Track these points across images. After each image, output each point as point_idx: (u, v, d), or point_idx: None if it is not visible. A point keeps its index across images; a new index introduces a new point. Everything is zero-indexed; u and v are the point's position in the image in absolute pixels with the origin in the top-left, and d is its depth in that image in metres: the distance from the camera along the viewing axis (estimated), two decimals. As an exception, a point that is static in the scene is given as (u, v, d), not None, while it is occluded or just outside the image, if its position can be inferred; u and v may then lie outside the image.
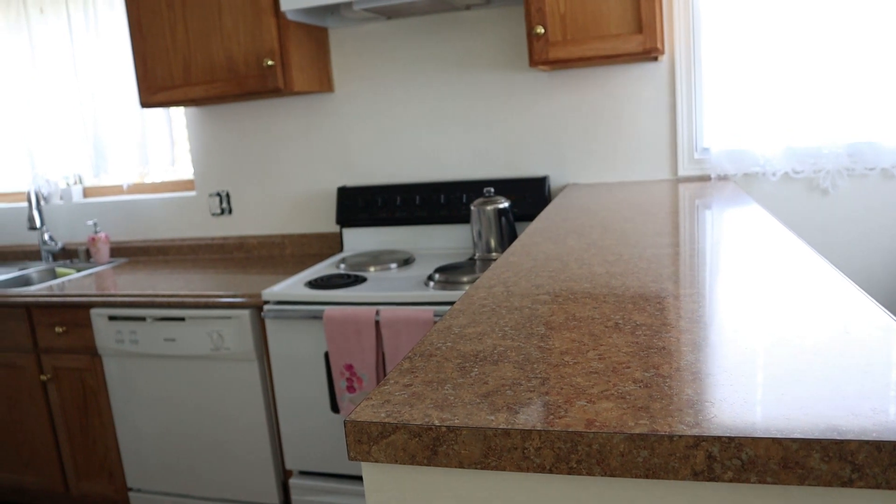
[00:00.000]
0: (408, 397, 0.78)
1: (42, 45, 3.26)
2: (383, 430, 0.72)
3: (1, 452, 2.97)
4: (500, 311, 1.08)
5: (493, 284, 1.25)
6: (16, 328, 2.77)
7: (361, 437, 0.73)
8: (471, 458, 0.71)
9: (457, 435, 0.70)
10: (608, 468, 0.67)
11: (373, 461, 0.74)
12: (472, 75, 2.68)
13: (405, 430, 0.72)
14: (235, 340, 2.34)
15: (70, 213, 3.44)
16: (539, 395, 0.76)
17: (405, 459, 0.73)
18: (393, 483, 0.75)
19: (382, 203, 2.73)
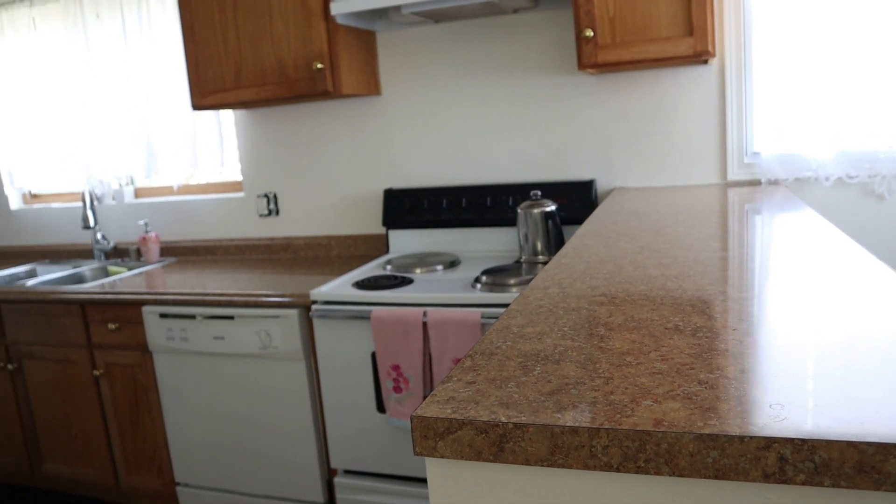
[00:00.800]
0: (472, 394, 0.79)
1: (97, 49, 3.35)
2: (450, 426, 0.73)
3: (56, 445, 3.05)
4: (557, 311, 1.09)
5: (547, 286, 1.25)
6: (70, 324, 2.84)
7: (427, 433, 0.74)
8: (537, 456, 0.71)
9: (524, 432, 0.71)
10: (677, 468, 0.67)
11: (438, 457, 0.74)
12: (519, 78, 2.68)
13: (472, 427, 0.72)
14: (283, 339, 2.38)
15: (122, 213, 3.53)
16: (604, 394, 0.76)
17: (471, 455, 0.73)
18: (457, 479, 0.76)
19: (428, 205, 2.75)
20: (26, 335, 2.97)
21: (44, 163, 3.68)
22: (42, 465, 3.12)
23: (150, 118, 3.28)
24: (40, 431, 3.08)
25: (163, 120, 3.26)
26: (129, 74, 3.29)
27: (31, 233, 3.85)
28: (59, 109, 3.54)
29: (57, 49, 3.47)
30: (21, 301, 2.95)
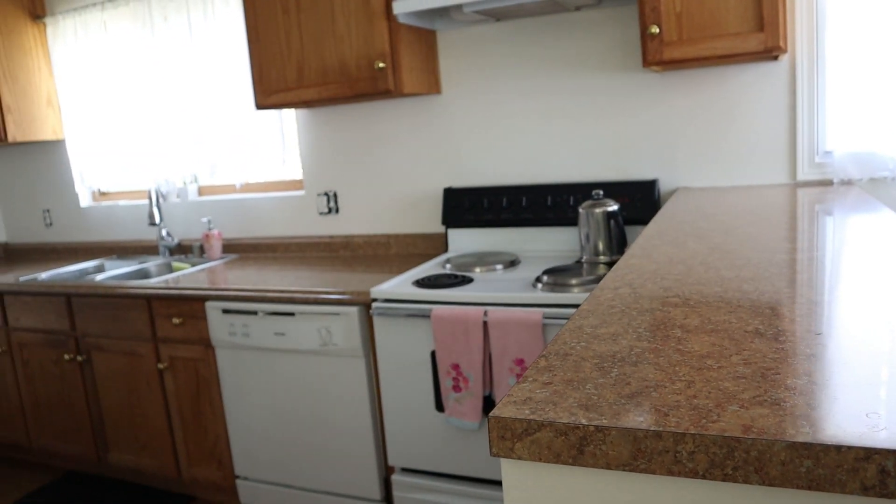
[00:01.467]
0: (549, 395, 0.77)
1: (164, 50, 3.43)
2: (528, 427, 0.72)
3: (121, 435, 3.14)
4: (630, 312, 1.06)
5: (618, 286, 1.22)
6: (137, 318, 2.92)
7: (505, 434, 0.73)
8: (619, 460, 0.69)
9: (605, 435, 0.69)
10: (767, 477, 0.64)
11: (515, 458, 0.73)
12: (581, 76, 2.64)
13: (551, 428, 0.71)
14: (343, 336, 2.39)
15: (186, 211, 3.61)
16: (686, 398, 0.74)
17: (549, 458, 0.72)
18: (534, 481, 0.75)
19: (488, 204, 2.73)
20: (95, 328, 3.06)
21: (112, 162, 3.79)
22: (108, 453, 3.21)
23: (215, 118, 3.35)
24: (107, 421, 3.17)
25: (226, 119, 3.32)
26: (194, 75, 3.37)
27: (99, 229, 3.97)
28: (128, 110, 3.64)
29: (125, 51, 3.57)
30: (90, 295, 3.04)
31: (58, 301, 3.16)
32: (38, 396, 3.39)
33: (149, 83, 3.53)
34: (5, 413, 3.55)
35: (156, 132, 3.56)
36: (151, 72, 3.51)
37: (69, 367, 3.22)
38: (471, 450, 2.23)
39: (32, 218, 4.24)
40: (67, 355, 3.18)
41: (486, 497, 2.25)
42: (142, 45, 3.50)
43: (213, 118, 3.36)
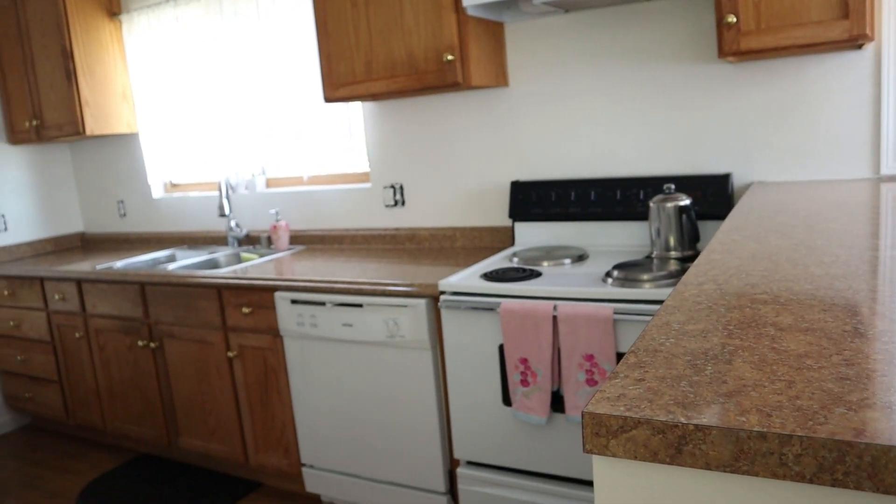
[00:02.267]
0: (643, 392, 0.75)
1: (234, 44, 3.50)
2: (624, 424, 0.70)
3: (191, 420, 3.23)
4: (717, 309, 1.03)
5: (702, 282, 1.19)
6: (207, 307, 2.99)
7: (599, 430, 0.72)
8: (719, 460, 0.67)
9: (705, 434, 0.67)
10: (882, 484, 0.62)
11: (609, 456, 0.72)
12: (652, 68, 2.59)
13: (648, 426, 0.69)
14: (411, 329, 2.40)
15: (254, 203, 3.68)
16: (788, 398, 0.71)
17: (646, 456, 0.70)
18: (628, 480, 0.73)
19: (556, 198, 2.71)
20: (167, 315, 3.15)
21: (183, 154, 3.89)
22: (178, 438, 3.31)
23: (283, 111, 3.40)
24: (178, 407, 3.26)
25: (294, 112, 3.37)
26: (263, 69, 3.42)
27: (170, 220, 4.08)
28: (198, 103, 3.73)
29: (197, 45, 3.65)
30: (163, 284, 3.12)
31: (132, 289, 3.26)
32: (112, 380, 3.51)
33: (219, 77, 3.61)
34: (82, 395, 3.69)
35: (225, 125, 3.64)
36: (222, 66, 3.58)
37: (142, 354, 3.32)
38: (537, 445, 2.22)
39: (108, 209, 4.38)
40: (141, 342, 3.28)
41: (552, 493, 2.23)
42: (212, 39, 3.58)
43: (282, 111, 3.41)
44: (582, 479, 2.18)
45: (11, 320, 3.91)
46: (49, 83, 3.86)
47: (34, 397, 3.95)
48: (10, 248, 4.16)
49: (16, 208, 4.22)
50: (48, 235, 4.38)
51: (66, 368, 3.73)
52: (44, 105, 3.92)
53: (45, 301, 3.71)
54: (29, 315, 3.81)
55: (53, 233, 4.41)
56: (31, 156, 4.30)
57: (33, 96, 3.96)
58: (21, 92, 4.02)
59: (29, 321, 3.82)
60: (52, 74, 3.83)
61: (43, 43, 3.84)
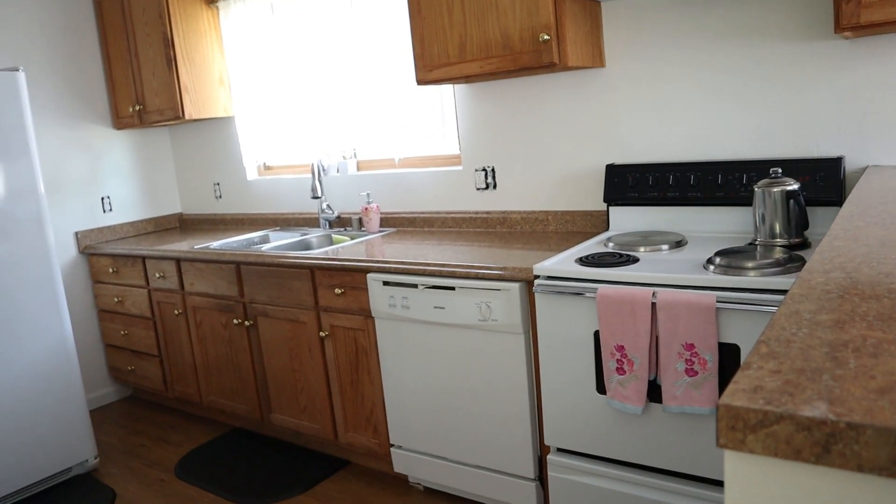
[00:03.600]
0: (782, 385, 0.71)
1: (327, 29, 3.53)
2: (764, 418, 0.66)
3: (283, 397, 3.31)
4: (850, 298, 0.97)
5: (828, 270, 1.12)
6: (300, 287, 3.05)
7: (736, 424, 0.68)
8: (873, 463, 0.62)
9: (858, 434, 0.62)
10: None
11: (746, 451, 0.68)
12: (758, 46, 2.46)
13: (792, 422, 0.65)
14: (503, 313, 2.38)
15: (345, 185, 3.72)
16: (949, 397, 0.65)
17: (788, 454, 0.66)
18: (765, 478, 0.69)
19: (653, 182, 2.62)
20: (261, 295, 3.23)
21: (277, 137, 3.96)
22: (270, 414, 3.40)
23: (374, 94, 3.42)
24: (270, 384, 3.35)
25: (386, 95, 3.38)
26: (355, 52, 3.44)
27: (264, 201, 4.18)
28: (291, 87, 3.79)
29: (290, 30, 3.70)
30: (258, 264, 3.20)
31: (228, 269, 3.35)
32: (208, 356, 3.63)
33: (312, 60, 3.65)
34: (181, 370, 3.83)
35: (318, 108, 3.69)
36: (315, 49, 3.62)
37: (237, 331, 3.42)
38: (632, 434, 2.17)
39: (204, 191, 4.53)
40: (236, 320, 3.37)
41: (645, 484, 2.17)
42: (306, 23, 3.62)
43: (374, 94, 3.43)
44: (677, 471, 2.11)
45: (116, 297, 4.09)
46: (151, 70, 4.00)
47: (136, 370, 4.13)
48: (114, 228, 4.35)
49: (119, 190, 4.40)
50: (148, 216, 4.56)
51: (165, 343, 3.88)
52: (146, 91, 4.07)
53: (146, 279, 3.86)
54: (131, 292, 3.98)
55: (153, 214, 4.58)
56: (133, 140, 4.48)
57: (136, 83, 4.11)
58: (125, 79, 4.18)
59: (132, 298, 3.99)
60: (154, 61, 3.97)
61: (145, 31, 3.98)
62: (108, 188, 4.35)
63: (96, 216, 4.30)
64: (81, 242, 4.21)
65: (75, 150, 4.19)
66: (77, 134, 4.20)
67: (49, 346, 3.22)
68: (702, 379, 1.98)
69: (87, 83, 4.24)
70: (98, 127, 4.30)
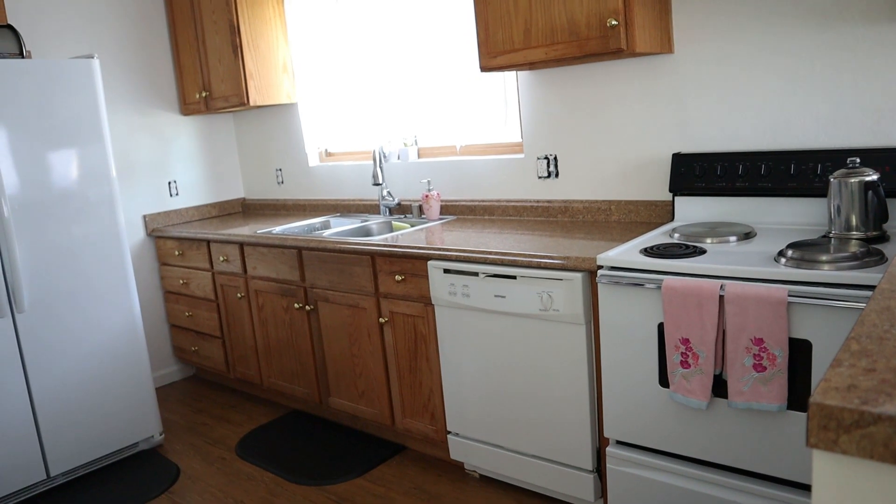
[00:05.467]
0: (878, 384, 0.68)
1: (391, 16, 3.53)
2: (861, 418, 0.63)
3: (341, 382, 3.35)
4: (946, 295, 0.92)
5: (919, 265, 1.07)
6: (361, 273, 3.07)
7: (829, 424, 0.65)
8: (980, 468, 0.59)
9: (964, 437, 0.59)
10: None
11: (839, 452, 0.65)
12: (836, 28, 2.36)
13: (891, 423, 0.62)
14: (565, 303, 2.36)
15: (406, 172, 3.73)
16: None
17: (884, 457, 0.63)
18: (858, 481, 0.66)
19: (721, 171, 2.55)
20: (322, 280, 3.27)
21: (339, 124, 3.99)
22: (329, 398, 3.44)
23: (436, 81, 3.41)
24: (329, 368, 3.39)
25: (448, 82, 3.36)
26: (418, 39, 3.44)
27: (325, 188, 4.22)
28: (354, 75, 3.80)
29: (354, 18, 3.72)
30: (319, 249, 3.24)
31: (290, 254, 3.40)
32: (269, 339, 3.70)
33: (374, 48, 3.66)
34: (242, 352, 3.92)
35: (380, 95, 3.70)
36: (377, 36, 3.63)
37: (298, 315, 3.47)
38: (695, 430, 2.12)
39: (266, 176, 4.60)
40: (297, 304, 3.42)
41: (708, 481, 2.13)
42: (369, 12, 3.63)
43: (435, 81, 3.42)
44: (742, 468, 2.06)
45: (181, 279, 4.20)
46: (217, 57, 4.07)
47: (199, 351, 4.24)
48: (180, 212, 4.46)
49: (185, 175, 4.51)
50: (213, 201, 4.66)
51: (227, 326, 3.96)
52: (212, 78, 4.14)
53: (210, 262, 3.95)
54: (196, 274, 4.08)
55: (217, 198, 4.68)
56: (199, 126, 4.57)
57: (203, 70, 4.19)
58: (192, 66, 4.27)
59: (196, 280, 4.08)
60: (221, 49, 4.04)
61: (213, 19, 4.05)
62: (175, 173, 4.45)
63: (163, 200, 4.41)
64: (149, 225, 4.33)
65: (144, 135, 4.31)
66: (146, 120, 4.31)
67: (119, 325, 3.33)
68: (770, 375, 1.92)
69: (156, 70, 4.35)
70: (166, 113, 4.40)
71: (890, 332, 0.80)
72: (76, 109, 3.15)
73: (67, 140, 3.13)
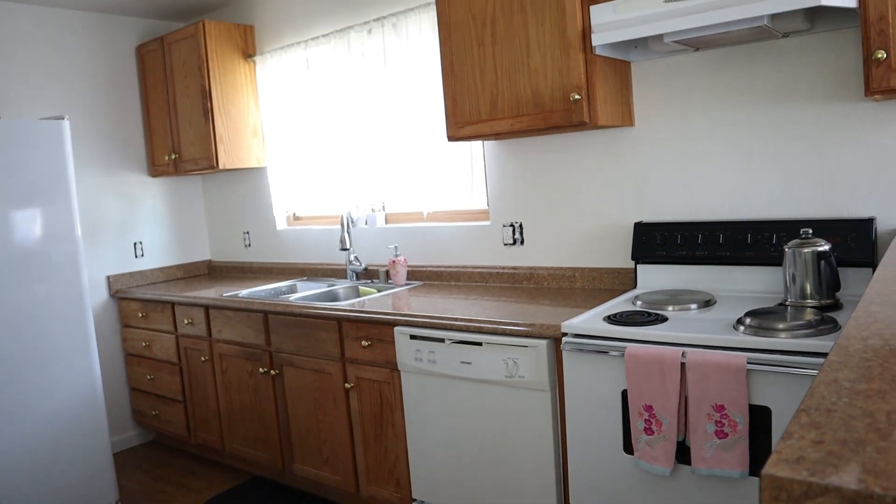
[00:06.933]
0: (825, 456, 0.71)
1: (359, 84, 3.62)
2: (809, 490, 0.66)
3: (305, 448, 3.30)
4: (891, 367, 0.96)
5: (865, 336, 1.12)
6: (327, 338, 3.06)
7: (780, 495, 0.67)
8: (921, 538, 0.62)
9: (905, 508, 0.62)
10: None
11: (790, 522, 0.67)
12: (787, 107, 2.49)
13: (837, 495, 0.64)
14: (530, 369, 2.38)
15: (373, 237, 3.76)
16: None
17: (832, 526, 0.65)
18: (809, 550, 0.68)
19: (682, 240, 2.63)
20: (288, 345, 3.25)
21: (307, 188, 4.03)
22: (292, 464, 3.38)
23: (404, 148, 3.48)
24: (293, 433, 3.34)
25: (416, 149, 3.44)
26: (386, 107, 3.52)
27: (292, 251, 4.23)
28: (323, 140, 3.87)
29: (324, 85, 3.80)
30: (286, 314, 3.23)
31: (256, 317, 3.39)
32: (233, 404, 3.64)
33: (344, 114, 3.74)
34: (204, 417, 3.84)
35: (348, 161, 3.76)
36: (347, 103, 3.71)
37: (262, 380, 3.43)
38: (660, 496, 2.13)
39: (234, 239, 4.60)
40: (262, 368, 3.39)
41: (675, 549, 2.13)
42: (339, 78, 3.72)
43: (404, 148, 3.49)
44: (708, 536, 2.07)
45: (144, 341, 4.14)
46: (188, 120, 4.12)
47: (160, 415, 4.15)
48: (144, 273, 4.43)
49: (151, 236, 4.49)
50: (178, 262, 4.63)
51: (190, 389, 3.90)
52: (182, 141, 4.18)
53: (174, 324, 3.91)
54: (159, 337, 4.02)
55: (183, 260, 4.66)
56: (167, 187, 4.58)
57: (173, 133, 4.23)
58: (163, 128, 4.30)
59: (159, 343, 4.03)
60: (191, 112, 4.09)
61: (185, 84, 4.10)
62: (141, 234, 4.43)
63: (128, 261, 4.37)
64: (113, 286, 4.28)
65: (111, 196, 4.30)
66: (114, 181, 4.31)
67: (78, 387, 3.26)
68: (732, 441, 1.95)
69: (126, 131, 4.37)
70: (134, 174, 4.41)
71: (837, 405, 0.84)
72: (44, 169, 3.15)
73: (34, 200, 3.12)
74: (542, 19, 2.57)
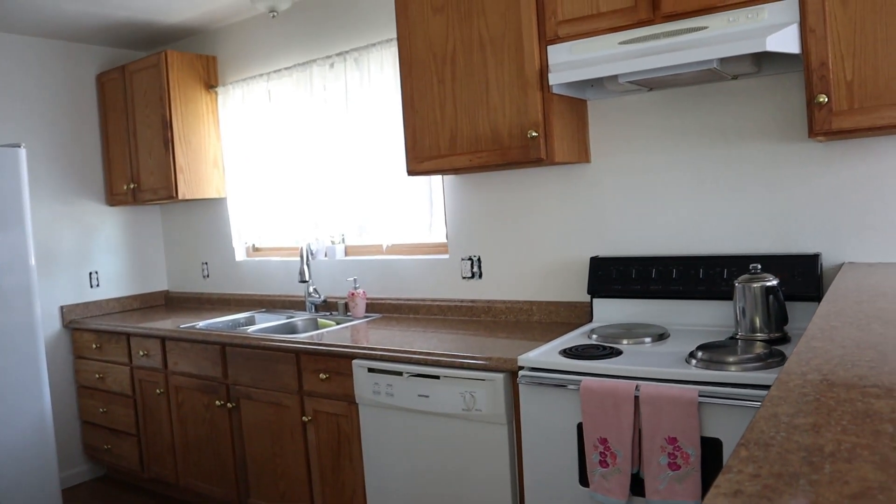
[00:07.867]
0: (761, 489, 0.73)
1: (320, 117, 3.64)
2: (744, 522, 0.68)
3: (262, 481, 3.25)
4: (826, 402, 1.00)
5: (805, 371, 1.16)
6: (285, 371, 3.04)
7: (717, 527, 0.70)
8: (848, 568, 0.64)
9: (833, 539, 0.65)
10: None
11: (727, 554, 0.70)
12: (737, 146, 2.58)
13: (770, 526, 0.67)
14: (488, 403, 2.39)
15: (332, 270, 3.76)
16: (919, 505, 0.68)
17: (766, 558, 0.68)
18: (745, 581, 0.71)
19: (636, 275, 2.68)
20: (245, 377, 3.21)
21: (267, 220, 4.02)
22: (248, 499, 3.32)
23: (365, 181, 3.50)
24: (250, 467, 3.29)
25: (376, 183, 3.46)
26: (347, 140, 3.55)
27: (251, 283, 4.20)
28: (284, 172, 3.87)
29: (285, 117, 3.82)
30: (243, 346, 3.20)
31: (213, 349, 3.35)
32: (188, 437, 3.58)
33: (305, 147, 3.75)
34: (158, 450, 3.76)
35: (309, 194, 3.76)
36: (307, 137, 3.73)
37: (219, 413, 3.38)
38: (616, 530, 2.15)
39: (192, 269, 4.55)
40: (218, 401, 3.34)
41: (631, 582, 2.14)
42: (300, 111, 3.74)
43: (363, 181, 3.51)
44: (662, 569, 2.09)
45: (97, 373, 4.05)
46: (148, 150, 4.09)
47: (112, 449, 4.05)
48: (99, 303, 4.35)
49: (108, 266, 4.42)
50: (135, 293, 4.56)
51: (144, 422, 3.82)
52: (142, 170, 4.14)
53: (129, 356, 3.84)
54: (114, 369, 3.94)
55: (140, 290, 4.59)
56: (124, 217, 4.53)
57: (132, 162, 4.19)
58: (122, 157, 4.27)
59: (113, 375, 3.95)
60: (151, 142, 4.06)
61: (145, 113, 4.09)
62: (97, 263, 4.36)
63: (83, 291, 4.29)
64: (66, 317, 4.19)
65: (67, 224, 4.23)
66: (70, 209, 4.25)
67: (27, 420, 3.17)
68: (685, 473, 1.98)
69: (84, 160, 4.32)
70: (91, 203, 4.35)
71: (775, 439, 0.87)
72: (-3, 200, 3.10)
73: (-15, 231, 3.06)
74: (502, 58, 2.63)
